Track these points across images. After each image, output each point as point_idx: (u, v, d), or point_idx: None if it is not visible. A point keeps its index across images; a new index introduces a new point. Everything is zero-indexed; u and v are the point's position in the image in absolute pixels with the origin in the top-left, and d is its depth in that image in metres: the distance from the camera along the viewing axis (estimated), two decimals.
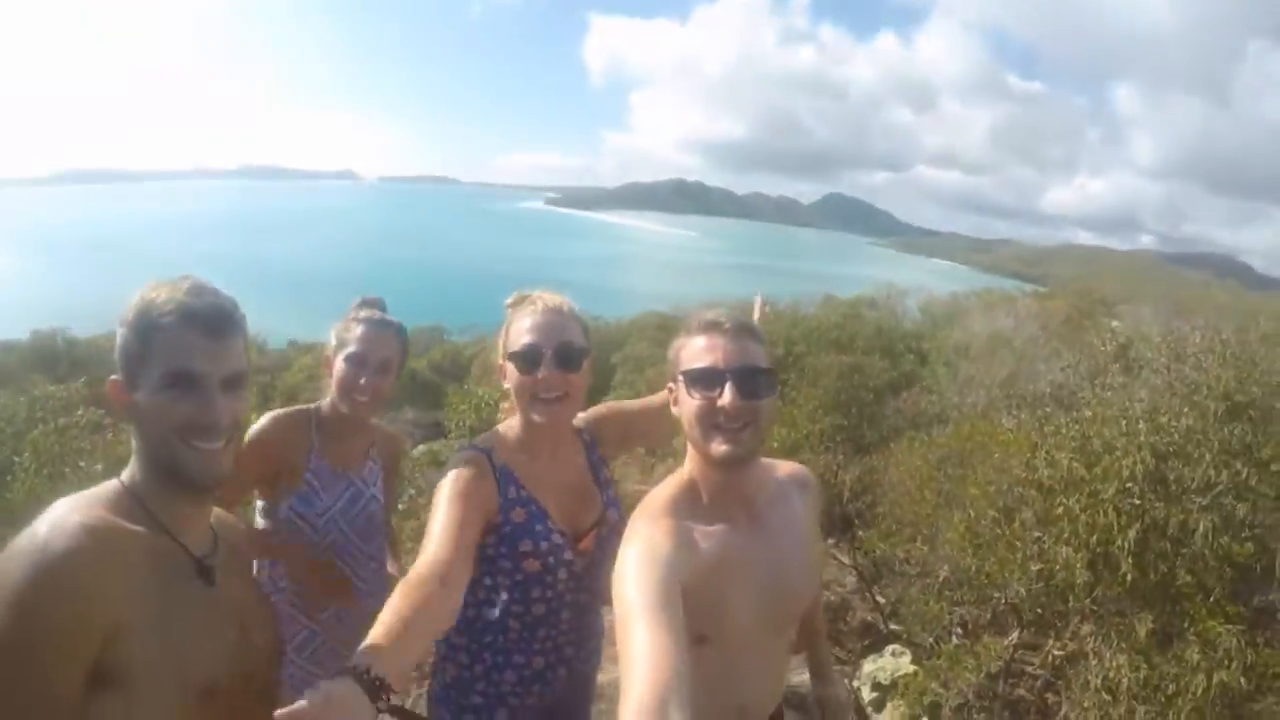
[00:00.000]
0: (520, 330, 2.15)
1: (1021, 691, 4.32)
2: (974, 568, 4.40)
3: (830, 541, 6.62)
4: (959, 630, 4.83)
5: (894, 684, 4.74)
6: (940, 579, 4.85)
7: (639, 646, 1.39)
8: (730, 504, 1.84)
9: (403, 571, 2.07)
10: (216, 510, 1.74)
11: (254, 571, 2.08)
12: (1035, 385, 7.95)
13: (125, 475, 1.53)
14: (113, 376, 1.51)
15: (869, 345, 11.92)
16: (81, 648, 1.28)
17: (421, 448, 9.41)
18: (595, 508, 2.28)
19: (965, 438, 5.58)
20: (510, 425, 2.26)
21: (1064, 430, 4.44)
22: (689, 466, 1.88)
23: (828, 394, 9.30)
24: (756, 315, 2.63)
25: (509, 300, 2.28)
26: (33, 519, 1.37)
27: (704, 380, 1.74)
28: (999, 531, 4.33)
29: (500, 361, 2.21)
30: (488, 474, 2.13)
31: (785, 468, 2.07)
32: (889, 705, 4.68)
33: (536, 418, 2.14)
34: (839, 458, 7.16)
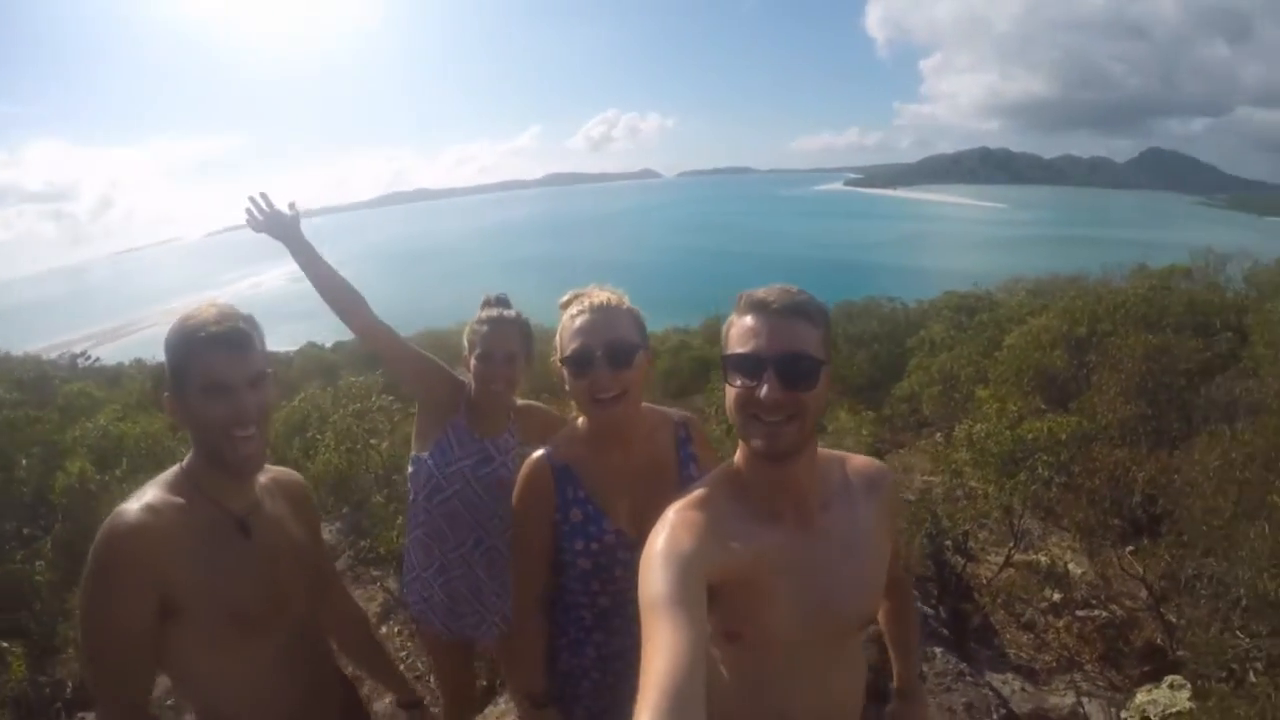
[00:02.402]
0: (570, 332, 2.20)
1: None
2: (1273, 593, 3.83)
3: (1127, 550, 6.02)
4: (1256, 666, 4.20)
5: None
6: (1239, 603, 4.26)
7: (657, 642, 1.30)
8: (776, 500, 1.71)
9: None
10: (280, 474, 2.31)
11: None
12: None
13: (185, 461, 2.00)
14: (166, 393, 1.96)
15: (1180, 322, 10.90)
16: (144, 590, 1.78)
17: None
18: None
19: (1275, 433, 4.89)
20: (580, 423, 2.36)
21: None
22: (736, 458, 1.76)
23: (1131, 379, 8.61)
24: None
25: (562, 299, 2.33)
26: (333, 488, 2.13)
27: (743, 367, 1.61)
28: None
29: (556, 363, 2.26)
30: (546, 477, 2.29)
31: (856, 463, 1.90)
32: None
33: (597, 419, 2.22)
34: (1138, 451, 6.53)
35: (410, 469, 3.18)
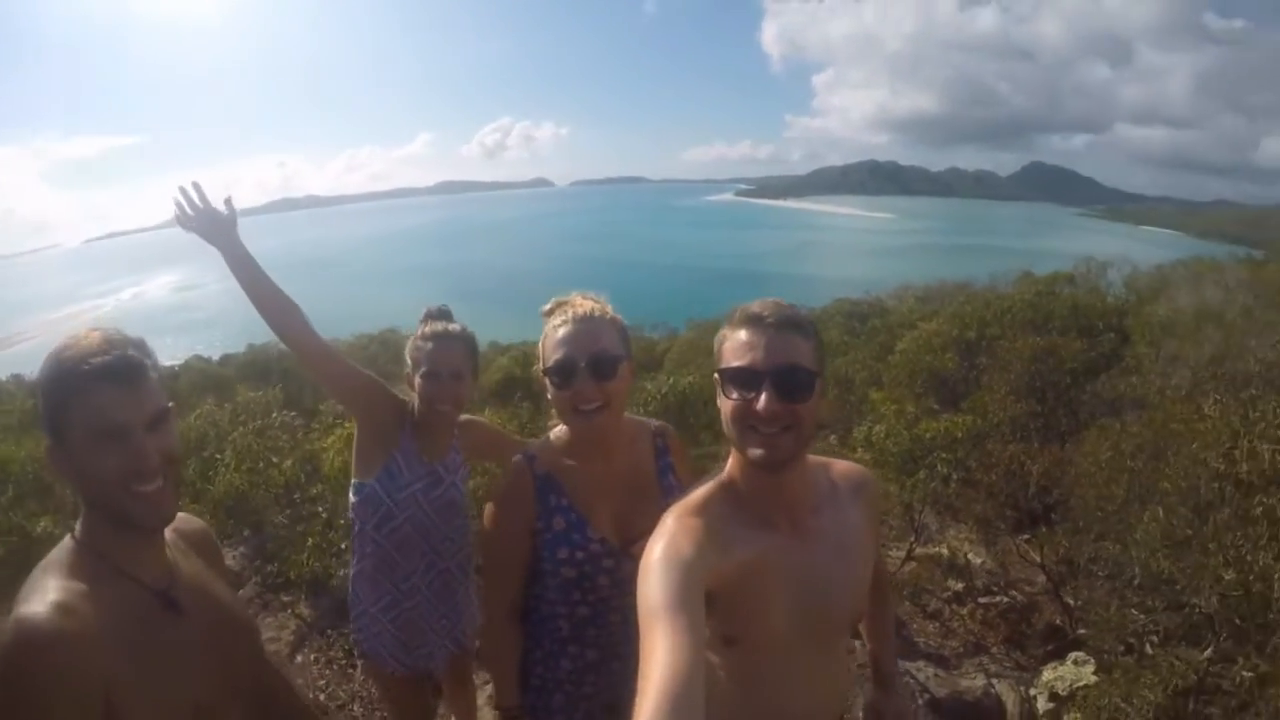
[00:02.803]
0: (553, 343, 2.18)
1: (1214, 711, 3.90)
2: (1166, 571, 4.04)
3: (1022, 538, 6.27)
4: (1153, 639, 4.44)
5: (1072, 695, 4.40)
6: (1132, 582, 4.49)
7: (655, 649, 1.32)
8: (770, 507, 1.76)
9: None
10: (181, 523, 1.85)
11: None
12: (1245, 364, 7.30)
13: (77, 529, 1.61)
14: (46, 444, 1.58)
15: (1065, 324, 11.29)
16: (86, 712, 1.40)
17: None
18: (653, 513, 2.14)
19: (1160, 425, 5.15)
20: (563, 430, 2.33)
21: (1270, 417, 4.02)
22: (729, 466, 1.80)
23: (1020, 378, 8.89)
24: None
25: (545, 308, 2.30)
26: (230, 510, 1.58)
27: (740, 380, 1.64)
28: (1191, 532, 3.95)
29: (539, 373, 2.24)
30: (528, 484, 2.27)
31: (840, 467, 1.97)
32: (1065, 718, 4.35)
33: (579, 429, 2.20)
34: (1030, 446, 6.79)
35: (354, 498, 2.99)
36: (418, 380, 2.90)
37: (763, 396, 1.60)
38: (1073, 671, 4.55)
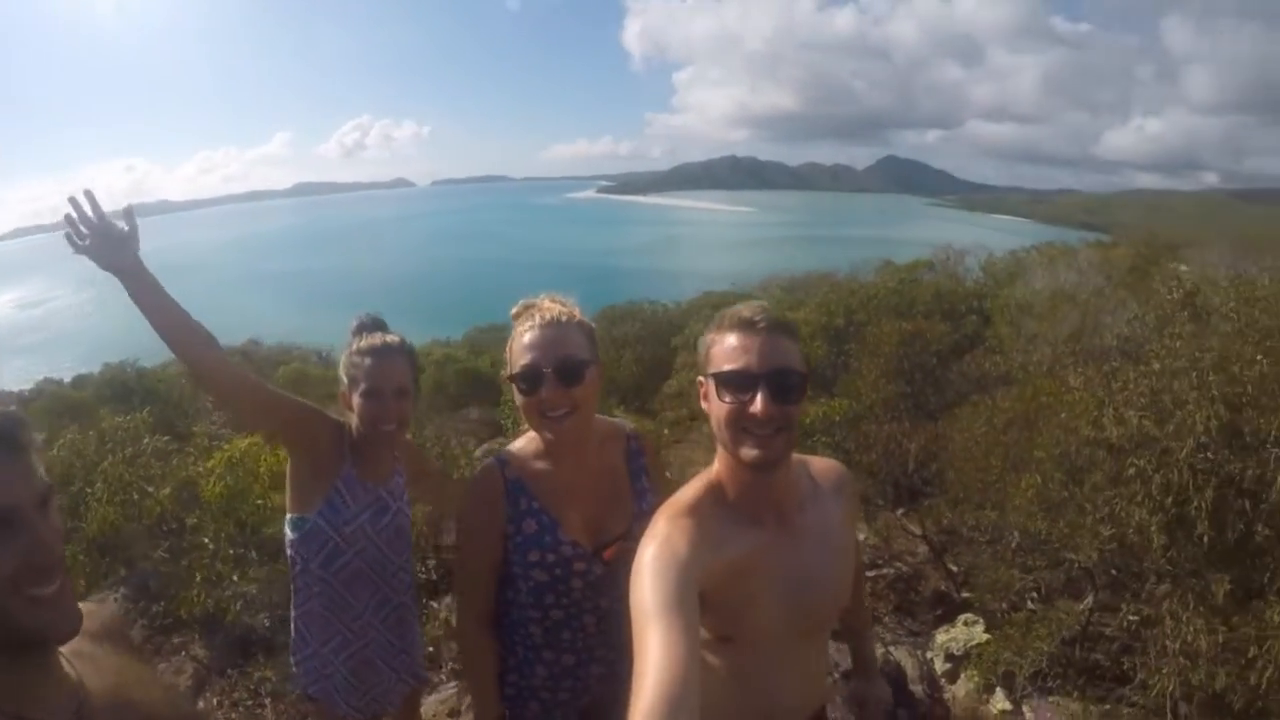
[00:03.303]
0: (520, 348, 2.13)
1: (1098, 656, 4.19)
2: (1044, 532, 4.30)
3: (900, 512, 6.52)
4: (1034, 596, 4.71)
5: (967, 654, 4.65)
6: (1012, 545, 4.74)
7: (651, 650, 1.35)
8: (758, 506, 1.78)
9: None
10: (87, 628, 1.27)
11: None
12: (1101, 339, 7.74)
13: None
14: None
15: (929, 309, 11.69)
16: None
17: (484, 447, 9.43)
18: (625, 516, 2.24)
19: (1030, 399, 5.45)
20: (532, 434, 2.26)
21: (1132, 386, 4.30)
22: (717, 467, 1.82)
23: (889, 362, 9.14)
24: None
25: (513, 310, 2.26)
26: (104, 548, 1.21)
27: (735, 383, 1.67)
28: (1067, 494, 4.22)
29: (506, 378, 2.20)
30: (498, 487, 2.21)
31: (819, 465, 2.00)
32: (963, 676, 4.59)
33: (548, 435, 2.14)
34: (904, 426, 7.05)
35: (292, 534, 2.72)
36: (357, 400, 2.64)
37: (759, 399, 1.64)
38: (965, 632, 4.80)
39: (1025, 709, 4.24)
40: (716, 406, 1.70)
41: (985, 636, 4.64)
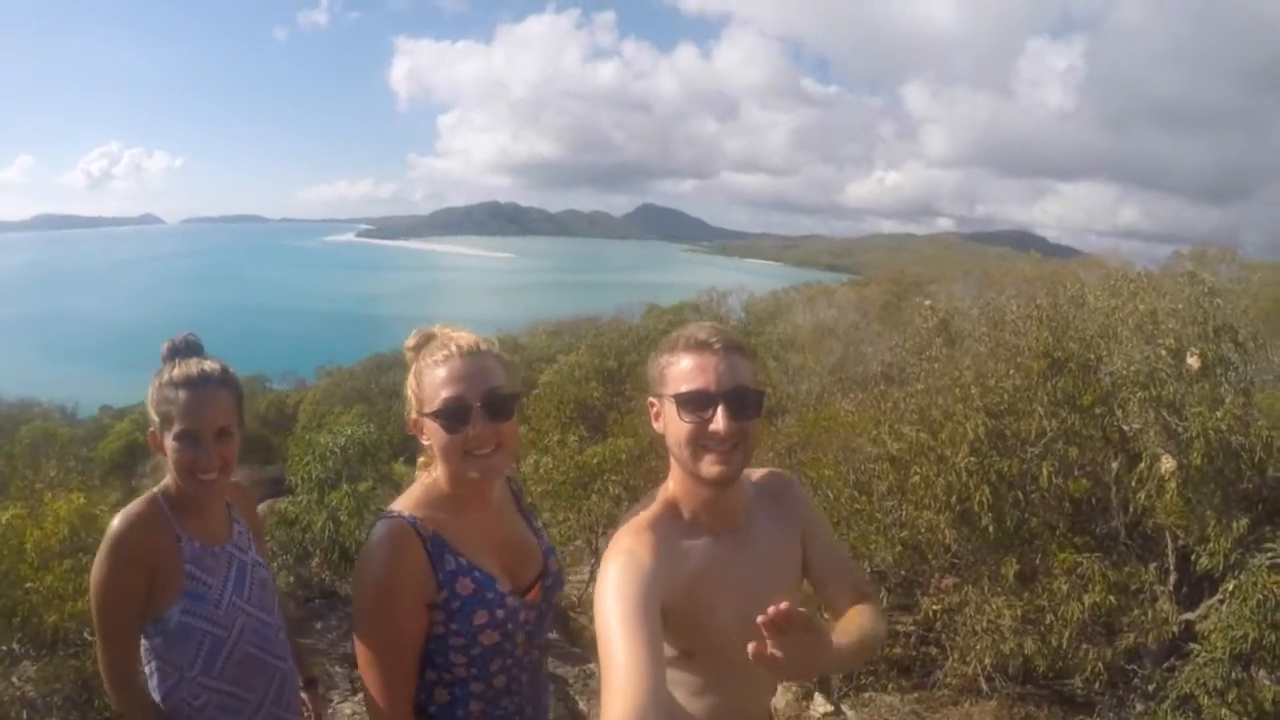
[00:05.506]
0: (437, 382, 1.89)
1: (898, 651, 4.51)
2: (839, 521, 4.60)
3: None
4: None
5: None
6: None
7: (618, 663, 1.40)
8: (713, 519, 1.84)
9: None
10: None
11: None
12: (865, 367, 8.28)
13: None
14: None
15: None
16: None
17: (263, 506, 8.87)
18: (535, 558, 2.13)
19: (809, 424, 5.79)
20: (433, 484, 1.99)
21: (902, 404, 4.68)
22: (672, 485, 1.85)
23: None
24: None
25: (410, 342, 2.02)
26: None
27: (695, 403, 1.70)
28: (857, 506, 4.54)
29: (414, 417, 1.95)
30: (418, 551, 1.88)
31: (759, 476, 2.04)
32: (780, 687, 4.79)
33: (474, 475, 1.90)
34: None
35: (149, 643, 2.25)
36: (170, 442, 2.19)
37: (719, 417, 1.67)
38: None
39: (845, 708, 4.49)
40: (676, 426, 1.73)
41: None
